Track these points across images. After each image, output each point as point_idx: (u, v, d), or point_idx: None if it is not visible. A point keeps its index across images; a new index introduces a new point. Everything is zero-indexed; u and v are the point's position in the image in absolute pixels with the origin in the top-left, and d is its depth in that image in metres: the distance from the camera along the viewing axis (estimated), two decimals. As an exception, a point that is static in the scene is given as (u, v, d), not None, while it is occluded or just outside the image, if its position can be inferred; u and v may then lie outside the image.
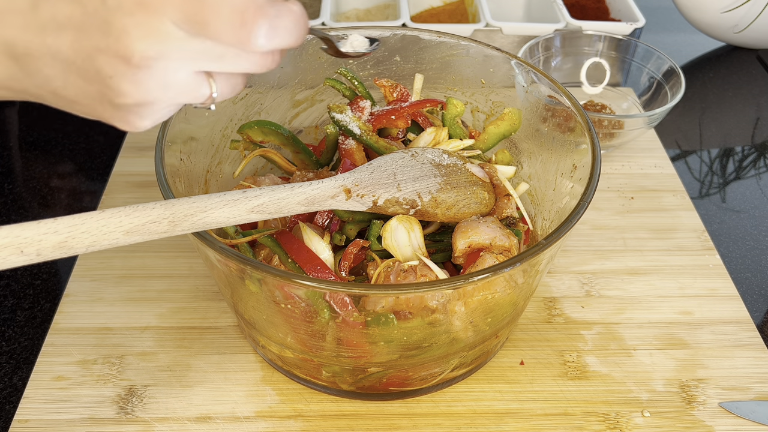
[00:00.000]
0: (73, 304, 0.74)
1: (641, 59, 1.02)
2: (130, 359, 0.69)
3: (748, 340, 0.73)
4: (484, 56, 0.76)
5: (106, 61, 0.40)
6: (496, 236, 0.61)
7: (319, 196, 0.55)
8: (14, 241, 0.43)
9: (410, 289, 0.52)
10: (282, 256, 0.60)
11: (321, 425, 0.64)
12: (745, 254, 0.84)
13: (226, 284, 0.61)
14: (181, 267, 0.78)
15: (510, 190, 0.67)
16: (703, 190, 0.94)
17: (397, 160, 0.61)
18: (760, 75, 1.17)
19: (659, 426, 0.65)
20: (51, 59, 0.41)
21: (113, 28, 0.39)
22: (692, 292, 0.78)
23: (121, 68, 0.40)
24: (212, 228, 0.51)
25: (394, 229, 0.61)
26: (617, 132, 0.91)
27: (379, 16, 1.19)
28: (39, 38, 0.41)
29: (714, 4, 1.14)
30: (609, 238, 0.84)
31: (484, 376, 0.69)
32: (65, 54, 0.41)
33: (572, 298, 0.77)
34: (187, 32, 0.40)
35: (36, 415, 0.64)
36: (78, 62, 0.41)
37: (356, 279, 0.63)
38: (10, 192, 0.89)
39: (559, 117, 0.70)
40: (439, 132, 0.71)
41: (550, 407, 0.66)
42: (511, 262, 0.53)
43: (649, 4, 1.28)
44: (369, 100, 0.72)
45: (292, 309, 0.56)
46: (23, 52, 0.41)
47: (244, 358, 0.69)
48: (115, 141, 0.96)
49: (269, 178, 0.71)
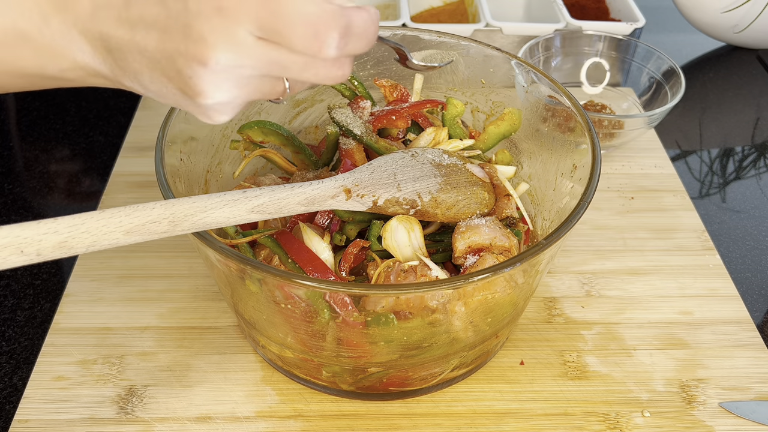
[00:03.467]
0: (73, 304, 0.74)
1: (641, 59, 1.02)
2: (130, 359, 0.69)
3: (748, 340, 0.73)
4: (484, 56, 0.76)
5: (185, 63, 0.42)
6: (496, 236, 0.61)
7: (319, 196, 0.55)
8: (14, 241, 0.43)
9: (410, 289, 0.52)
10: (282, 256, 0.60)
11: (321, 425, 0.64)
12: (745, 254, 0.84)
13: (226, 284, 0.61)
14: (181, 267, 0.78)
15: (510, 190, 0.67)
16: (703, 190, 0.94)
17: (397, 160, 0.61)
18: (760, 75, 1.17)
19: (659, 426, 0.65)
20: (139, 56, 0.43)
21: (193, 32, 0.41)
22: (692, 292, 0.78)
23: (200, 71, 0.42)
24: (212, 228, 0.51)
25: (394, 229, 0.61)
26: (617, 132, 0.91)
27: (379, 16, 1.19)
28: (129, 34, 0.43)
29: (714, 4, 1.14)
30: (609, 238, 0.84)
31: (484, 376, 0.69)
32: (151, 52, 0.43)
33: (572, 298, 0.77)
34: (262, 40, 0.41)
35: (36, 415, 0.64)
36: (162, 61, 0.43)
37: (356, 279, 0.63)
38: (10, 192, 0.89)
39: (559, 117, 0.70)
40: (439, 132, 0.71)
41: (550, 407, 0.66)
42: (511, 262, 0.53)
43: (649, 4, 1.28)
44: (369, 100, 0.72)
45: (292, 309, 0.56)
46: (116, 46, 0.44)
47: (244, 358, 0.69)
48: (115, 141, 0.96)
49: (269, 178, 0.71)
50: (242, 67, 0.42)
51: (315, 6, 0.41)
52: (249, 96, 0.45)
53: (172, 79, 0.43)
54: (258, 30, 0.41)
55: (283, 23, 0.41)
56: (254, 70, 0.43)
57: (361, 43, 0.44)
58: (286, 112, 0.79)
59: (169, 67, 0.43)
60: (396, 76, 0.79)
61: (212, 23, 0.41)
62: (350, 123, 0.68)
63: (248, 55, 0.42)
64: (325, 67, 0.44)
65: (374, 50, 0.78)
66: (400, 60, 0.59)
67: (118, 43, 0.43)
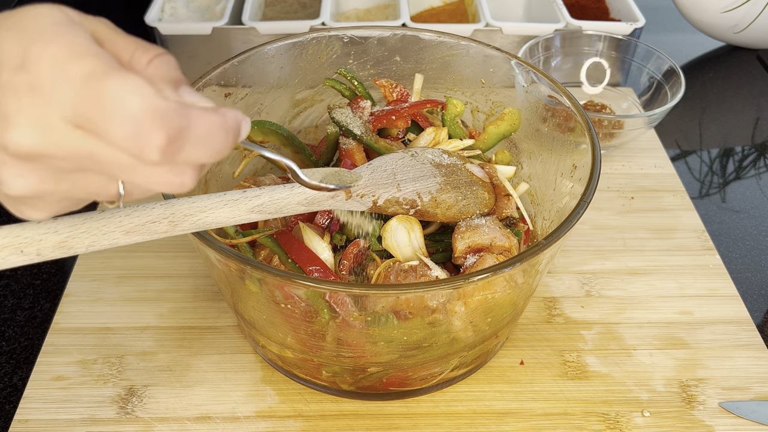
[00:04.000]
0: (73, 304, 0.74)
1: (641, 59, 1.02)
2: (130, 359, 0.69)
3: (748, 340, 0.73)
4: (484, 56, 0.76)
5: None
6: (496, 236, 0.61)
7: (319, 196, 0.55)
8: (14, 241, 0.43)
9: (410, 289, 0.52)
10: (282, 256, 0.60)
11: (321, 425, 0.64)
12: (745, 254, 0.84)
13: (226, 284, 0.61)
14: (181, 267, 0.78)
15: (510, 190, 0.67)
16: (703, 190, 0.94)
17: (397, 160, 0.61)
18: (760, 75, 1.17)
19: (659, 426, 0.65)
20: None
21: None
22: (692, 292, 0.78)
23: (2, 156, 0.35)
24: (212, 228, 0.51)
25: (394, 229, 0.61)
26: (617, 132, 0.91)
27: (379, 16, 1.19)
28: None
29: (714, 4, 1.14)
30: (609, 238, 0.84)
31: (484, 376, 0.69)
32: None
33: (572, 298, 0.77)
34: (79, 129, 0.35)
35: (36, 415, 0.64)
36: None
37: (356, 279, 0.63)
38: (10, 192, 0.89)
39: (559, 117, 0.70)
40: (439, 132, 0.71)
41: (550, 407, 0.66)
42: (511, 262, 0.53)
43: (649, 4, 1.28)
44: (369, 100, 0.72)
45: (292, 309, 0.56)
46: None
47: (244, 358, 0.69)
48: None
49: (269, 178, 0.71)
50: (52, 157, 0.35)
51: (141, 99, 0.34)
52: (68, 193, 0.38)
53: None
54: (74, 117, 0.34)
55: (102, 114, 0.34)
56: (68, 163, 0.36)
57: (201, 152, 0.36)
58: (286, 112, 0.79)
59: None
60: (396, 76, 0.79)
61: (21, 102, 0.34)
62: (350, 123, 0.68)
63: (59, 145, 0.35)
64: (158, 173, 0.36)
65: (374, 50, 0.78)
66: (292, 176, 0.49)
67: None
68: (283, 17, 1.15)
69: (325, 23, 1.06)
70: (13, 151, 0.35)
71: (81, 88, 0.34)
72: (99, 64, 0.34)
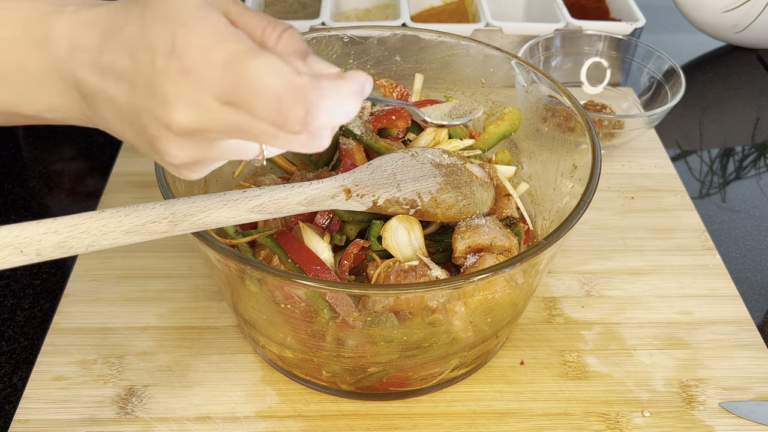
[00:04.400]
0: (73, 304, 0.74)
1: (641, 59, 1.02)
2: (130, 359, 0.69)
3: (748, 340, 0.73)
4: (484, 56, 0.76)
5: (150, 121, 0.40)
6: (496, 236, 0.61)
7: (319, 196, 0.55)
8: (14, 241, 0.43)
9: (410, 289, 0.52)
10: (282, 256, 0.60)
11: (321, 425, 0.64)
12: (745, 254, 0.84)
13: (226, 284, 0.61)
14: (181, 267, 0.78)
15: (510, 190, 0.67)
16: (703, 190, 0.94)
17: (397, 160, 0.61)
18: (760, 75, 1.17)
19: (659, 426, 0.65)
20: (110, 105, 0.42)
21: (158, 92, 0.39)
22: (692, 292, 0.78)
23: (164, 132, 0.40)
24: (212, 228, 0.51)
25: (394, 229, 0.61)
26: (617, 132, 0.91)
27: (379, 15, 1.19)
28: (100, 82, 0.41)
29: (714, 4, 1.14)
30: (609, 238, 0.84)
31: (484, 376, 0.69)
32: (120, 104, 0.41)
33: (572, 298, 0.77)
34: (228, 105, 0.39)
35: (36, 415, 0.64)
36: (129, 116, 0.41)
37: (356, 279, 0.63)
38: (10, 192, 0.89)
39: (559, 117, 0.70)
40: (439, 132, 0.71)
41: (550, 407, 0.66)
42: (511, 262, 0.53)
43: (649, 4, 1.28)
44: (369, 100, 0.72)
45: (292, 309, 0.56)
46: (88, 92, 0.42)
47: (244, 358, 0.69)
48: (115, 141, 0.96)
49: (269, 178, 0.71)
50: (208, 131, 0.40)
51: (279, 77, 0.38)
52: (220, 157, 0.44)
53: (140, 134, 0.42)
54: (223, 95, 0.39)
55: (247, 92, 0.38)
56: (220, 134, 0.41)
57: (335, 117, 0.40)
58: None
59: (136, 122, 0.41)
60: (396, 76, 0.79)
61: (177, 85, 0.39)
62: (350, 123, 0.68)
63: (213, 120, 0.39)
64: (297, 140, 0.40)
65: (374, 50, 0.78)
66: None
67: (91, 90, 0.42)
68: (283, 17, 1.15)
69: (325, 23, 1.06)
70: (175, 130, 0.40)
71: (225, 70, 0.38)
72: (239, 47, 0.38)
